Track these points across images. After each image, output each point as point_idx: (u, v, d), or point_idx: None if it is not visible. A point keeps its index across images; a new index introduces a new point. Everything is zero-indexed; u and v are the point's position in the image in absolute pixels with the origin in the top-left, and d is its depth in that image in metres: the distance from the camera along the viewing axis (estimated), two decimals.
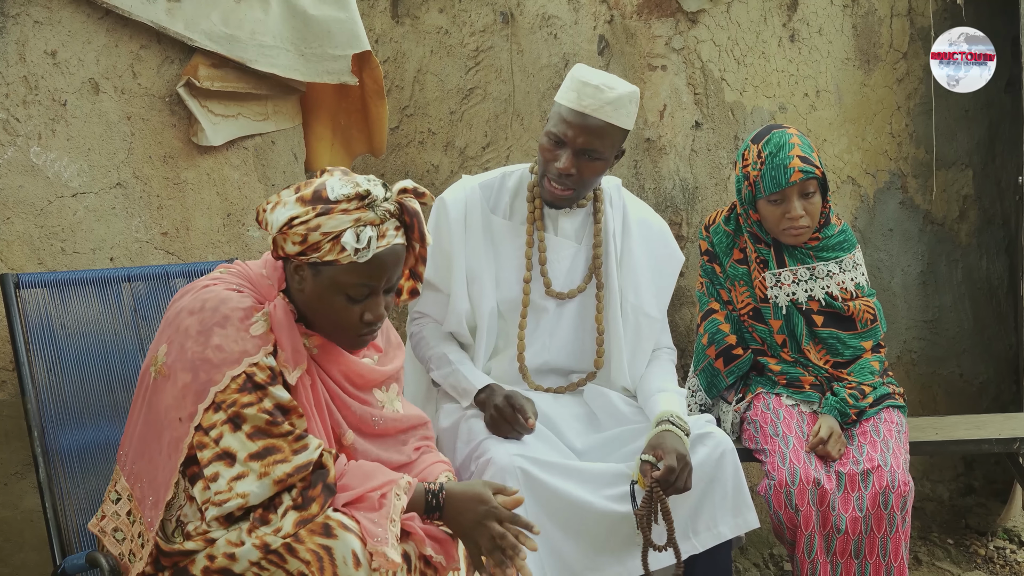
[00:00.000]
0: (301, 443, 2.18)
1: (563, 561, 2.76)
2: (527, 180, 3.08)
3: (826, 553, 3.05)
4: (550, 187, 2.97)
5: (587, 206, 3.10)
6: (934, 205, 4.36)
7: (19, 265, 2.81)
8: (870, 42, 4.18)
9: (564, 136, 2.91)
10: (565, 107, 2.92)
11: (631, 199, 3.18)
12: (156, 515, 2.21)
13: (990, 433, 3.67)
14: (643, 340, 3.10)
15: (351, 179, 2.21)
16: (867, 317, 3.33)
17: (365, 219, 2.17)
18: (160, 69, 3.03)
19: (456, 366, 3.02)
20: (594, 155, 2.92)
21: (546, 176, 2.97)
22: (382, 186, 2.23)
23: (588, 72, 2.94)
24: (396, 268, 2.25)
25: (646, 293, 3.10)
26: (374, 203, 2.19)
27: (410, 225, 2.25)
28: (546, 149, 2.95)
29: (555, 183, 2.95)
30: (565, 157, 2.91)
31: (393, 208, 2.22)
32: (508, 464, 2.72)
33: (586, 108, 2.89)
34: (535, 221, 3.04)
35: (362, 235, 2.17)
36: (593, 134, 2.90)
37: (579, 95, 2.90)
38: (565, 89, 2.94)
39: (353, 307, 2.23)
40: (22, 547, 2.83)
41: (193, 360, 2.17)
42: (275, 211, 2.20)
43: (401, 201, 2.24)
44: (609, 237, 3.07)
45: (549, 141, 2.94)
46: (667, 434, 2.81)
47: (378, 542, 2.12)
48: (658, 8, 3.75)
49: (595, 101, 2.88)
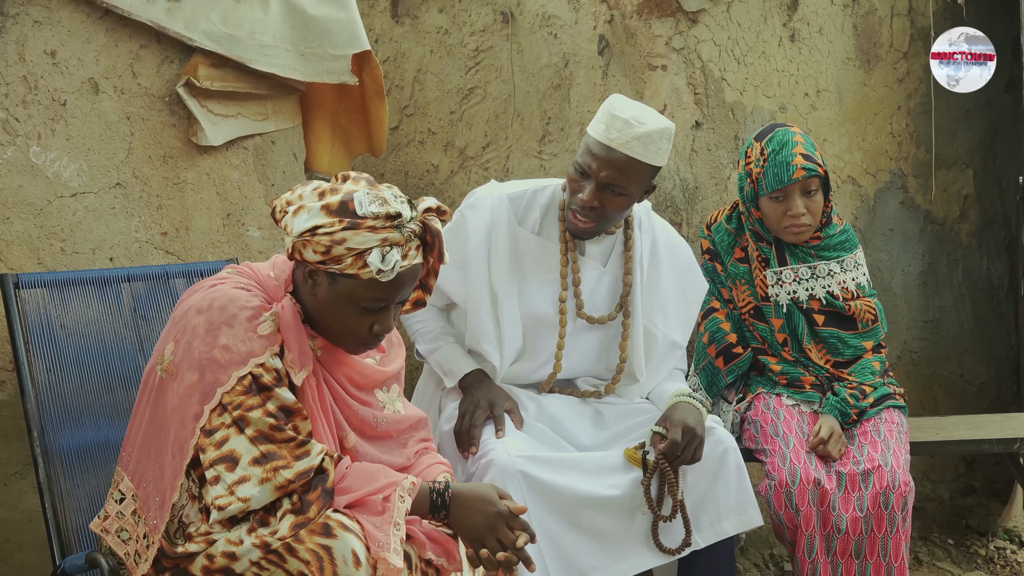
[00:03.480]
0: (303, 448, 2.18)
1: (568, 559, 2.76)
2: (559, 197, 3.01)
3: (826, 553, 3.05)
4: (573, 218, 2.90)
5: (616, 232, 3.04)
6: (934, 205, 4.35)
7: (19, 265, 2.81)
8: (870, 42, 4.18)
9: (588, 168, 2.83)
10: (593, 139, 2.84)
11: (660, 224, 3.13)
12: (162, 516, 2.21)
13: (990, 433, 3.67)
14: (664, 365, 3.10)
15: (378, 194, 2.19)
16: (868, 317, 3.32)
17: (392, 240, 2.17)
18: (160, 69, 3.03)
19: (443, 344, 3.02)
20: (617, 190, 2.84)
21: (570, 207, 2.90)
22: (408, 204, 2.21)
23: (621, 104, 2.85)
24: (412, 285, 2.26)
25: (673, 320, 3.08)
26: (402, 224, 2.18)
27: (431, 245, 2.25)
28: (572, 179, 2.88)
29: (579, 215, 2.88)
30: (588, 190, 2.84)
31: (418, 228, 2.21)
32: (508, 465, 2.72)
33: (612, 142, 2.80)
34: (567, 242, 2.99)
35: (388, 256, 2.16)
36: (617, 168, 2.81)
37: (607, 128, 2.81)
38: (596, 120, 2.86)
39: (364, 318, 2.24)
40: (22, 547, 2.83)
41: (200, 360, 2.17)
42: (298, 215, 2.18)
43: (425, 221, 2.23)
44: (636, 264, 3.03)
45: (575, 171, 2.87)
46: (681, 405, 2.86)
47: (380, 547, 2.12)
48: (658, 8, 3.75)
49: (622, 135, 2.80)
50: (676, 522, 2.84)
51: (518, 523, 2.28)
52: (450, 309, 3.11)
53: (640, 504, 2.81)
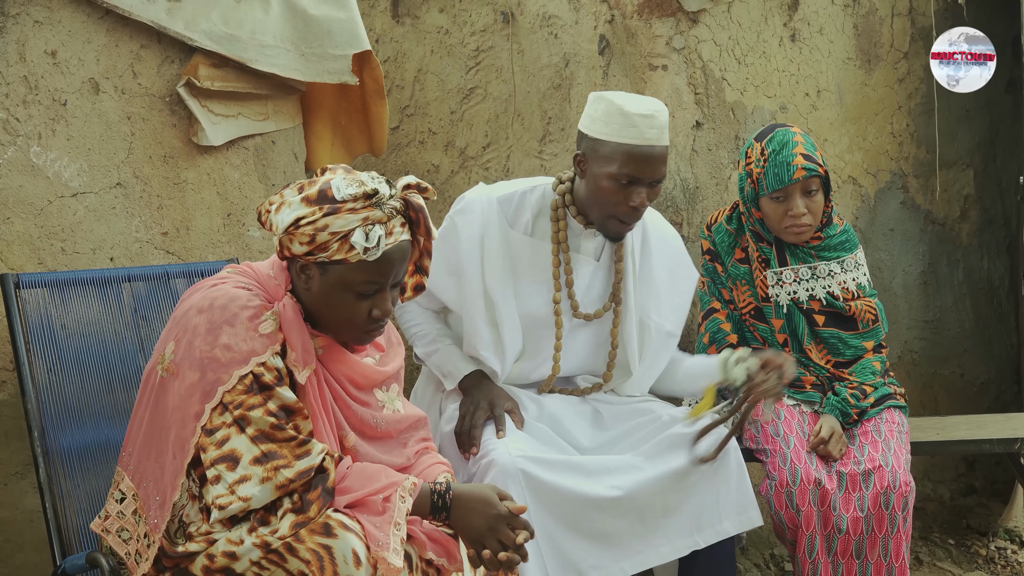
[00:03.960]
0: (304, 448, 2.18)
1: (568, 560, 2.76)
2: (551, 198, 3.00)
3: (827, 553, 3.05)
4: (619, 226, 2.89)
5: None
6: (935, 205, 4.35)
7: (19, 265, 2.81)
8: (871, 42, 4.18)
9: (640, 175, 2.81)
10: (628, 144, 2.80)
11: (650, 215, 3.12)
12: (162, 516, 2.21)
13: (991, 433, 3.67)
14: (660, 358, 3.10)
15: (355, 177, 2.21)
16: (869, 317, 3.32)
17: (373, 218, 2.17)
18: (160, 69, 3.03)
19: (441, 346, 3.02)
20: (660, 182, 2.87)
21: (614, 217, 2.87)
22: (386, 183, 2.23)
23: (628, 103, 2.83)
24: (403, 264, 2.26)
25: (666, 309, 3.08)
26: (381, 201, 2.19)
27: (415, 220, 2.25)
28: (612, 191, 2.83)
29: (626, 220, 2.87)
30: (641, 193, 2.83)
31: (399, 205, 2.22)
32: (509, 464, 2.72)
33: (651, 140, 2.81)
34: (560, 243, 2.99)
35: (371, 234, 2.17)
36: (662, 162, 2.84)
37: (640, 129, 2.80)
38: (617, 126, 2.81)
39: (361, 304, 2.24)
40: (22, 547, 2.83)
41: (201, 359, 2.17)
42: (280, 212, 2.19)
43: (406, 197, 2.24)
44: (628, 255, 3.04)
45: (615, 184, 2.82)
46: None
47: (380, 547, 2.12)
48: (659, 8, 3.75)
49: (656, 130, 2.81)
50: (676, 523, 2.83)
51: (519, 523, 2.28)
52: (447, 312, 3.11)
53: (641, 505, 2.81)
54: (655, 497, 2.82)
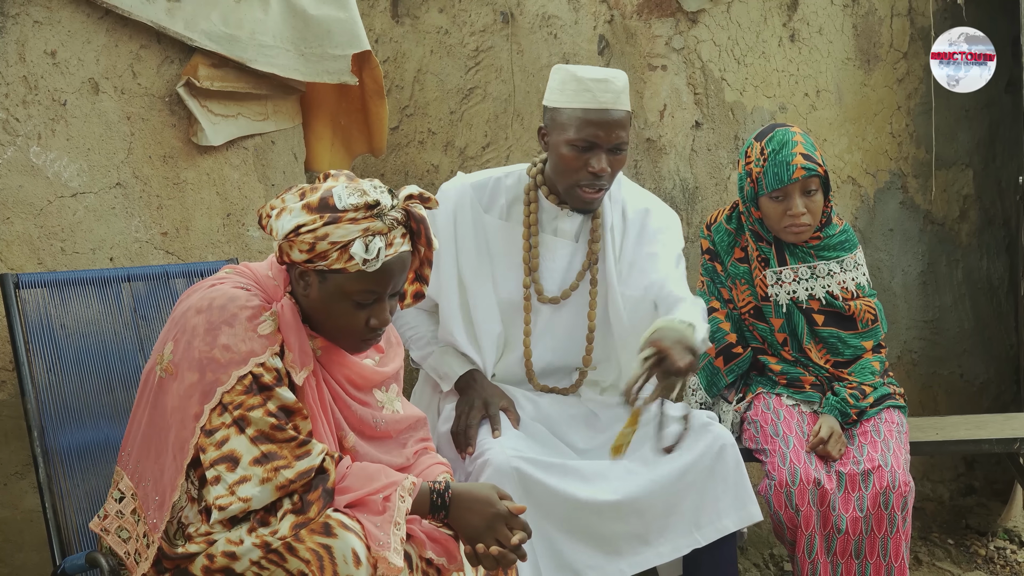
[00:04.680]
0: (304, 448, 2.18)
1: (562, 560, 2.76)
2: (525, 182, 3.02)
3: (826, 553, 3.05)
4: (583, 194, 2.89)
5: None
6: (934, 205, 4.36)
7: (19, 265, 2.81)
8: (870, 42, 4.18)
9: (595, 138, 2.84)
10: (583, 109, 2.85)
11: (631, 191, 3.12)
12: (161, 516, 2.21)
13: (990, 433, 3.67)
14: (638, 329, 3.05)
15: (357, 186, 2.20)
16: (868, 317, 3.33)
17: (373, 229, 2.17)
18: (160, 69, 3.03)
19: (437, 348, 3.02)
20: (622, 148, 2.88)
21: (577, 186, 2.89)
22: (388, 193, 2.22)
23: (582, 70, 2.89)
24: (402, 274, 2.26)
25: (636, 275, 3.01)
26: (382, 212, 2.19)
27: (417, 231, 2.25)
28: (571, 159, 2.86)
29: (588, 188, 2.88)
30: (601, 159, 2.85)
31: (400, 216, 2.22)
32: (505, 464, 2.72)
33: (606, 103, 2.84)
34: (530, 226, 3.00)
35: (371, 245, 2.17)
36: (620, 126, 2.86)
37: (594, 93, 2.84)
38: (572, 92, 2.86)
39: (359, 313, 2.24)
40: (22, 547, 2.83)
41: (200, 359, 2.17)
42: (280, 218, 2.19)
43: (408, 208, 2.23)
44: (607, 233, 3.02)
45: (574, 150, 2.86)
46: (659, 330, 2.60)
47: (380, 547, 2.12)
48: (658, 8, 3.75)
49: (611, 94, 2.84)
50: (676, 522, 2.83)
51: (518, 523, 2.28)
52: (438, 311, 3.11)
53: (640, 508, 2.80)
54: (655, 498, 2.81)
